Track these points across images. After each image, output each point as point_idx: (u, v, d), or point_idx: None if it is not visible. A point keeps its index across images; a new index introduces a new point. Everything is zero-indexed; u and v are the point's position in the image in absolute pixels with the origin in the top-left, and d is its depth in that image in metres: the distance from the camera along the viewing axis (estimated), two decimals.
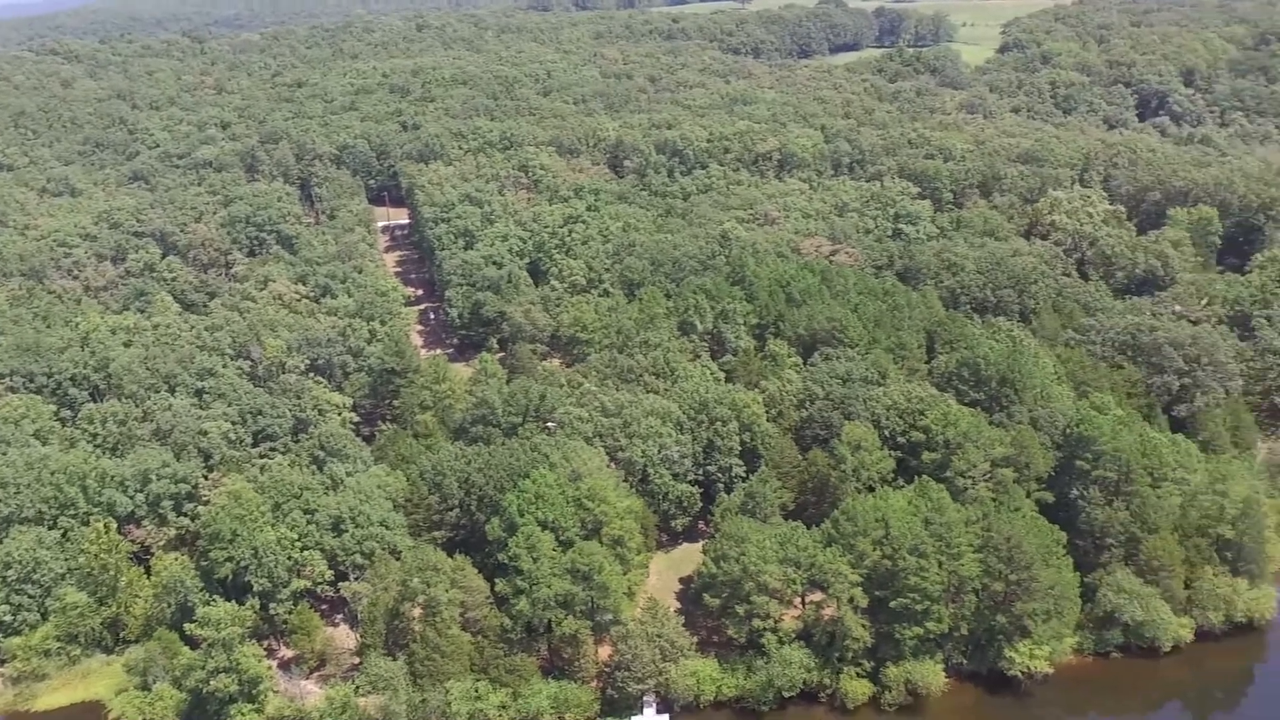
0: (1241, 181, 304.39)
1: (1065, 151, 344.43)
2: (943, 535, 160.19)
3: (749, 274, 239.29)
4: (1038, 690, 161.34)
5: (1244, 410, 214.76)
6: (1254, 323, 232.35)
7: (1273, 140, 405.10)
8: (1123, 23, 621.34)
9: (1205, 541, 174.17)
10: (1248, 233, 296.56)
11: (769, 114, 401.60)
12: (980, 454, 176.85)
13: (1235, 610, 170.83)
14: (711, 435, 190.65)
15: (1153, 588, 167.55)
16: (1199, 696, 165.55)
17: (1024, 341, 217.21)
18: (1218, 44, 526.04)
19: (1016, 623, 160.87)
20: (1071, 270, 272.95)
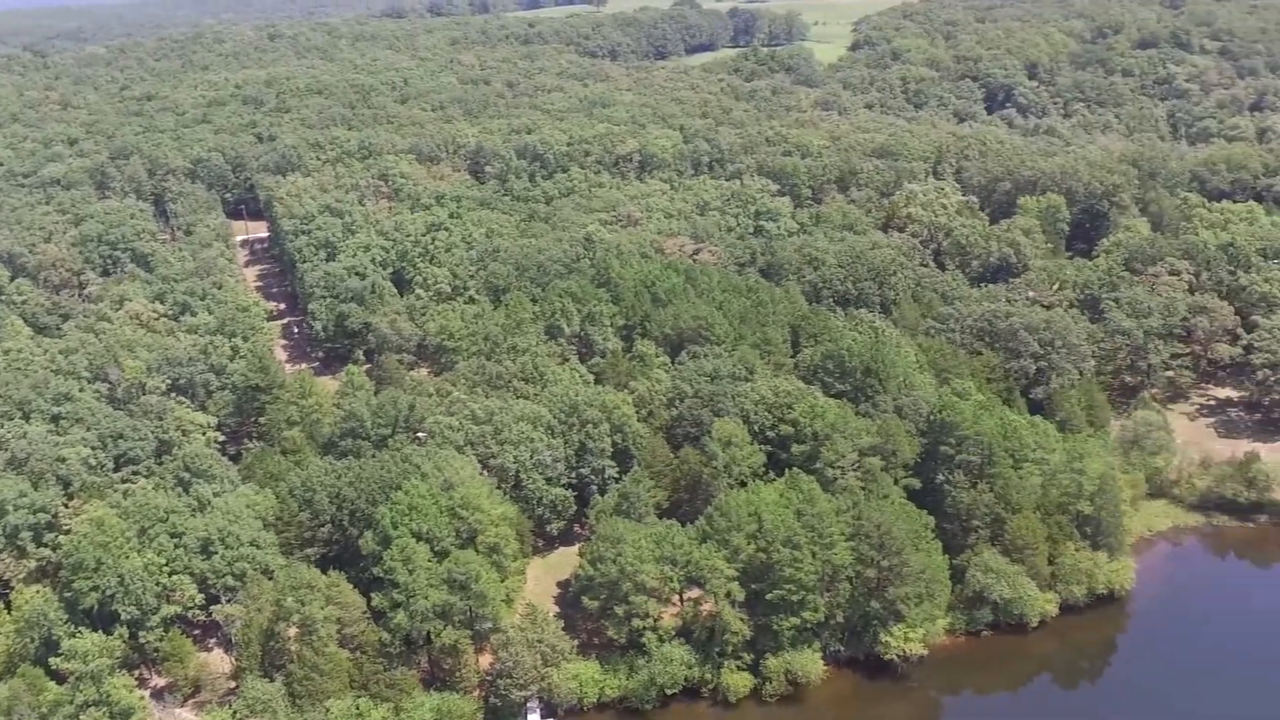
0: (1086, 170, 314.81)
1: (918, 145, 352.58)
2: (815, 526, 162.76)
3: (614, 276, 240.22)
4: (914, 672, 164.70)
5: (1097, 390, 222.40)
6: (1103, 305, 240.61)
7: (1113, 129, 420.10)
8: (968, 19, 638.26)
9: (1066, 518, 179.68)
10: (1094, 219, 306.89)
11: (628, 116, 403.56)
12: (848, 444, 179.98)
13: (1097, 583, 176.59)
14: (583, 438, 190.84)
15: (1018, 566, 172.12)
16: (1066, 668, 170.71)
17: (886, 332, 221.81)
18: (1058, 38, 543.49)
19: (890, 607, 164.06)
20: (929, 261, 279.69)
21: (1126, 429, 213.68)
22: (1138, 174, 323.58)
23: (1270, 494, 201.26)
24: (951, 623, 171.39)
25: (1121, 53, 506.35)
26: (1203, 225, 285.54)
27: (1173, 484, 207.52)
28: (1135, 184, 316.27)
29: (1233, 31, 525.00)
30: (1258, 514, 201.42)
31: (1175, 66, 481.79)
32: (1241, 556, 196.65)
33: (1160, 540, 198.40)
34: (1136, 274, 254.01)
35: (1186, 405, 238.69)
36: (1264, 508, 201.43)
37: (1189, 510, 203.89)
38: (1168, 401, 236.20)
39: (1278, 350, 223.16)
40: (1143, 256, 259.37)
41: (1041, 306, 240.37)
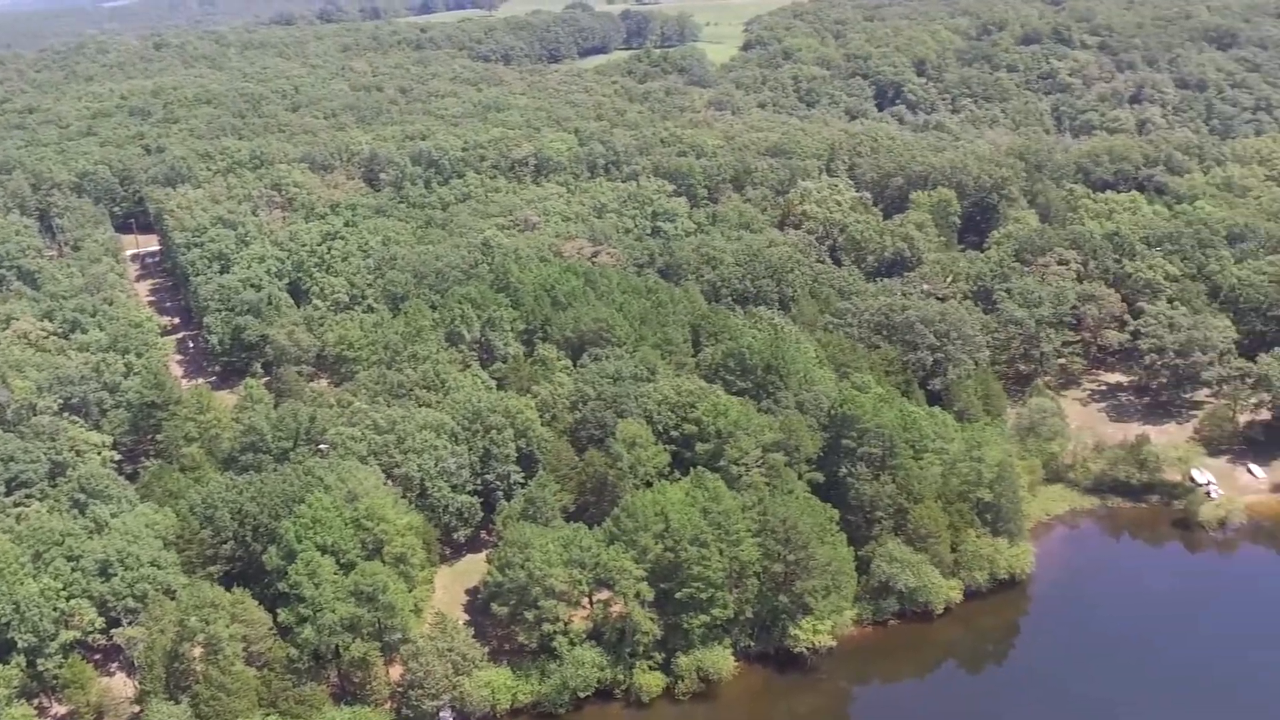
0: (975, 164, 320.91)
1: (811, 143, 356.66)
2: (721, 523, 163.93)
3: (513, 280, 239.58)
4: (823, 664, 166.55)
5: (992, 379, 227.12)
6: (995, 296, 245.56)
7: (1000, 123, 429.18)
8: (857, 18, 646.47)
9: (966, 506, 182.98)
10: (984, 212, 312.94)
11: (522, 120, 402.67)
12: (751, 441, 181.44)
13: (998, 568, 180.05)
14: (487, 444, 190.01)
15: (922, 554, 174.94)
16: (972, 653, 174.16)
17: (785, 329, 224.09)
18: (945, 35, 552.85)
19: (798, 601, 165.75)
20: (825, 257, 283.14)
21: (1022, 416, 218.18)
22: (1025, 167, 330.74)
23: (1160, 475, 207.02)
24: (859, 613, 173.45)
25: (1006, 49, 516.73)
26: (1088, 215, 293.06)
27: (1068, 468, 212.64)
28: (1023, 177, 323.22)
29: (1111, 27, 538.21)
30: (1149, 494, 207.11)
31: (1058, 61, 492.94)
32: (1135, 537, 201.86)
33: (1058, 524, 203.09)
34: (1027, 264, 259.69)
35: (1079, 391, 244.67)
36: (1155, 488, 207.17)
37: (1084, 493, 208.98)
38: (1061, 388, 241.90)
39: (1163, 335, 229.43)
40: (1032, 247, 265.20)
41: (936, 299, 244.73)
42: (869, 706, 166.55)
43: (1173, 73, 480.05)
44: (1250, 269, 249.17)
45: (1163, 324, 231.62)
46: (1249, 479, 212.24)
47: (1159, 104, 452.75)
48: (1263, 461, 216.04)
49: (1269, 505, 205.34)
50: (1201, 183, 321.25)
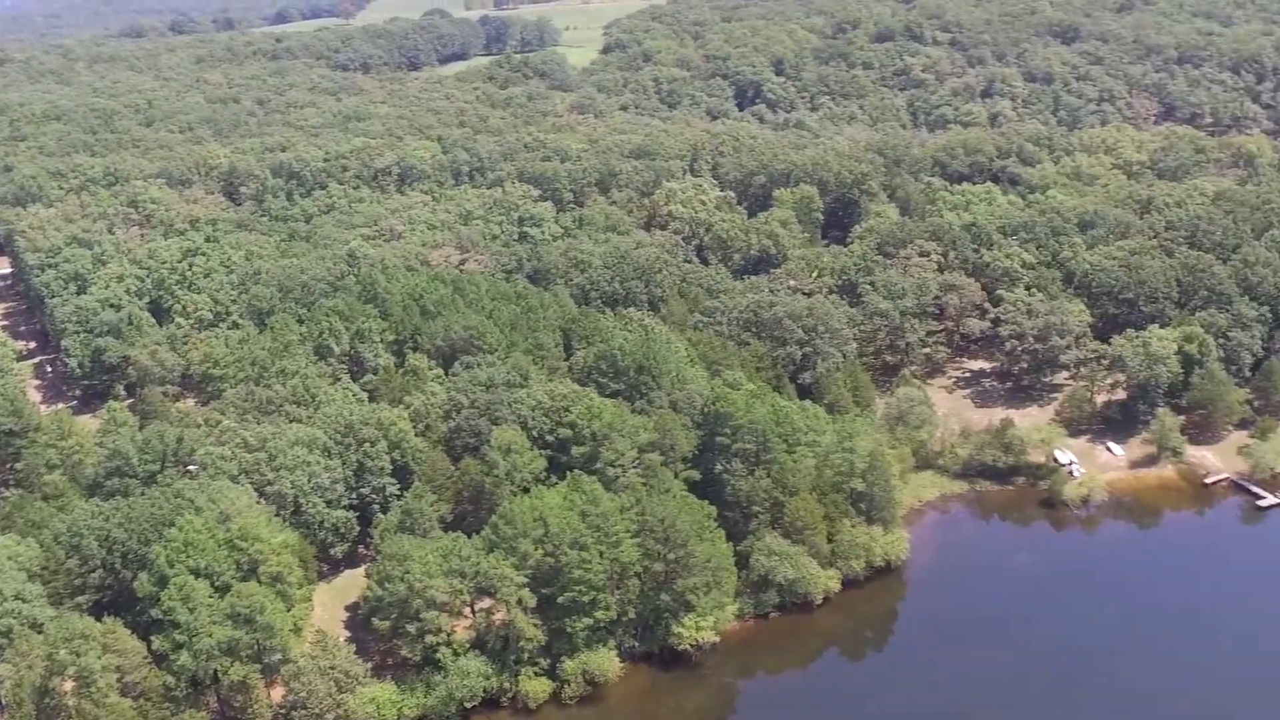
0: (835, 160, 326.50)
1: (674, 144, 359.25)
2: (600, 525, 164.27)
3: (381, 291, 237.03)
4: (707, 660, 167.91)
5: (861, 371, 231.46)
6: (860, 289, 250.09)
7: (858, 120, 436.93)
8: (715, 19, 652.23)
9: (841, 496, 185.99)
10: (846, 207, 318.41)
11: (384, 129, 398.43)
12: (627, 442, 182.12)
13: (874, 556, 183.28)
14: (361, 457, 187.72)
15: (799, 546, 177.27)
16: (852, 640, 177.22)
17: (656, 329, 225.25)
18: (801, 34, 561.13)
19: (680, 599, 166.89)
20: (692, 257, 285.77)
21: (891, 406, 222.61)
22: (884, 162, 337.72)
23: (1025, 457, 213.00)
24: (740, 608, 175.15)
25: (861, 46, 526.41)
26: (946, 207, 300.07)
27: (937, 455, 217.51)
28: (882, 171, 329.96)
29: (961, 23, 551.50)
30: (1015, 476, 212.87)
31: (911, 58, 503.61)
32: (1004, 518, 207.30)
33: (929, 509, 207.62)
34: (889, 257, 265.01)
35: (944, 379, 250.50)
36: (1020, 470, 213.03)
37: (954, 478, 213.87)
38: (927, 377, 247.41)
39: (1022, 322, 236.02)
40: (894, 240, 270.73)
41: (803, 294, 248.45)
42: (754, 700, 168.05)
43: (1021, 67, 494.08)
44: (1101, 254, 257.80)
45: (1021, 311, 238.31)
46: (1108, 457, 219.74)
47: (1009, 97, 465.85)
48: (1120, 439, 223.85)
49: (1127, 481, 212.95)
50: (1052, 172, 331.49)
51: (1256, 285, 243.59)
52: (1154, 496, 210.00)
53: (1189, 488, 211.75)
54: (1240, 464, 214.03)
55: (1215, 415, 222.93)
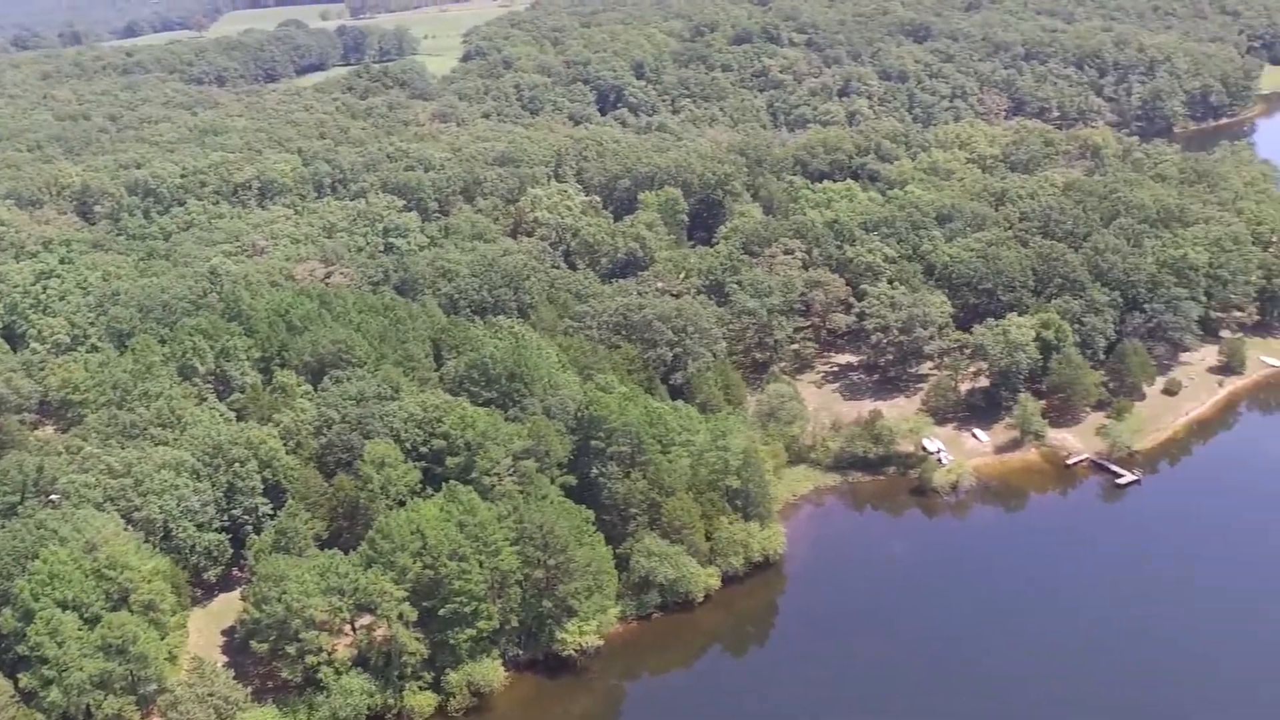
0: (699, 162, 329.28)
1: (538, 150, 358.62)
2: (478, 535, 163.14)
3: (245, 308, 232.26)
4: (592, 664, 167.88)
5: (731, 370, 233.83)
6: (727, 289, 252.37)
7: (719, 121, 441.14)
8: (574, 24, 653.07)
9: (717, 494, 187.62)
10: (710, 208, 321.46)
11: (242, 142, 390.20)
12: (501, 450, 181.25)
13: (752, 551, 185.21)
14: (231, 478, 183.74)
15: (679, 546, 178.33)
16: (734, 636, 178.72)
17: (526, 336, 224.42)
18: (660, 38, 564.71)
19: (562, 604, 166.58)
20: (560, 262, 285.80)
21: (762, 403, 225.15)
22: (746, 162, 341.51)
23: (895, 447, 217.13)
24: (623, 610, 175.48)
25: (719, 49, 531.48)
26: (809, 205, 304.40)
27: (809, 449, 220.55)
28: (745, 172, 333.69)
29: (816, 25, 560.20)
30: (886, 466, 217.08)
31: (769, 59, 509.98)
32: (877, 508, 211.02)
33: (804, 503, 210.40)
34: (755, 256, 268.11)
35: (813, 374, 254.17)
36: (891, 460, 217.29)
37: (826, 471, 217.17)
38: (796, 373, 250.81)
39: (886, 315, 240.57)
40: (759, 239, 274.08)
41: (671, 296, 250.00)
42: (640, 701, 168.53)
43: (876, 66, 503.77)
44: (959, 247, 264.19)
45: (885, 304, 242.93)
46: (974, 443, 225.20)
47: (866, 96, 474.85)
48: (985, 425, 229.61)
49: (993, 466, 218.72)
50: (910, 168, 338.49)
51: (1107, 271, 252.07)
52: (1019, 479, 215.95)
53: (1052, 469, 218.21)
54: (1099, 444, 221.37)
55: (1074, 398, 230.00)
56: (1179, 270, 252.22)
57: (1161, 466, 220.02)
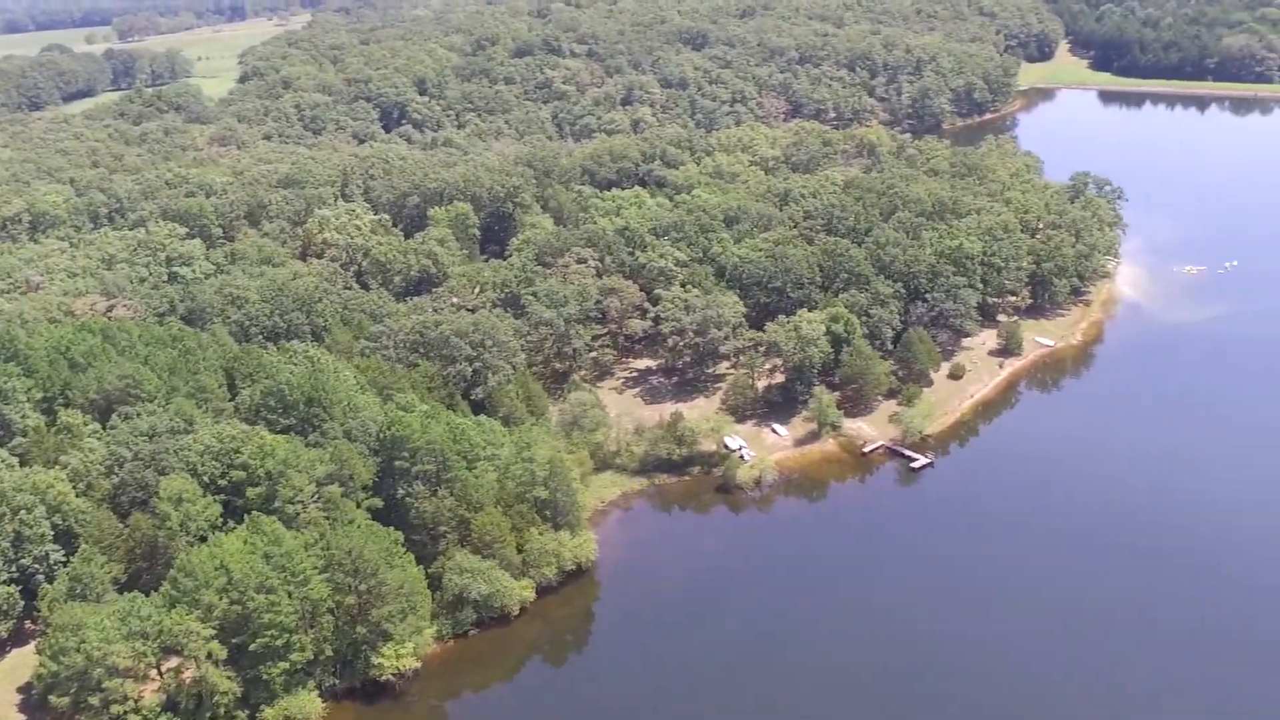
0: (487, 175, 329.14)
1: (323, 171, 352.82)
2: (286, 566, 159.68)
3: (22, 347, 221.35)
4: (411, 687, 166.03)
5: (532, 381, 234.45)
6: (523, 300, 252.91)
7: (505, 134, 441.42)
8: (353, 42, 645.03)
9: (526, 506, 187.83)
10: (501, 220, 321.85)
11: (9, 174, 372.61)
12: (304, 477, 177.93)
13: (565, 561, 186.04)
14: (17, 526, 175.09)
15: (491, 560, 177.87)
16: (552, 646, 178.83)
17: (322, 360, 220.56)
18: (441, 53, 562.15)
19: (376, 629, 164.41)
20: (352, 283, 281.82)
21: (565, 412, 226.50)
22: (534, 174, 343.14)
23: (698, 447, 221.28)
24: (439, 630, 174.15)
25: (501, 62, 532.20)
26: (599, 214, 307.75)
27: (614, 455, 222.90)
28: (534, 183, 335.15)
29: (596, 35, 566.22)
30: (691, 467, 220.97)
31: (551, 71, 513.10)
32: (684, 508, 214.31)
33: (613, 508, 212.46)
34: (548, 266, 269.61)
35: (614, 381, 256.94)
36: (694, 460, 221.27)
37: (633, 476, 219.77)
38: (597, 380, 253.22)
39: (681, 318, 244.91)
40: (551, 250, 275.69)
41: (467, 311, 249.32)
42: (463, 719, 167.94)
43: (657, 74, 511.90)
44: (748, 247, 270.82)
45: (679, 307, 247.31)
46: (775, 438, 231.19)
47: (648, 104, 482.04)
48: (783, 420, 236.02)
49: (794, 459, 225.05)
50: (695, 173, 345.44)
51: (889, 264, 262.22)
52: (819, 470, 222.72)
53: (850, 458, 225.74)
54: (892, 430, 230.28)
55: (866, 388, 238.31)
56: (956, 260, 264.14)
57: (952, 448, 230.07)
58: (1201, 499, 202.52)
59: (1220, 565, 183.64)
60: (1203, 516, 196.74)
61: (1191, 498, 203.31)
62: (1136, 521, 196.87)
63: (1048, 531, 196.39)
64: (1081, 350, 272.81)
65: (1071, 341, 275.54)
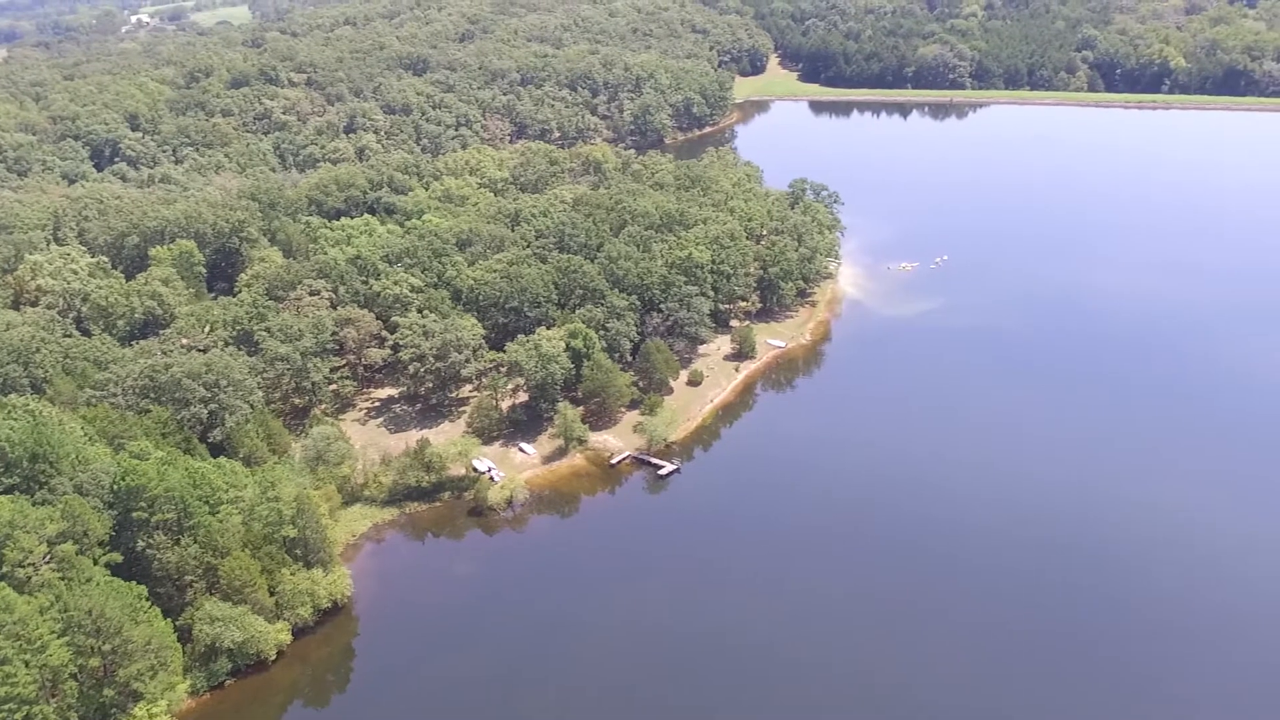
0: (210, 211, 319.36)
1: (32, 214, 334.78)
2: (19, 634, 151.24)
3: None
4: None
5: (271, 418, 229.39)
6: (257, 337, 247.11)
7: (226, 168, 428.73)
8: (56, 77, 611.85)
9: (275, 547, 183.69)
10: (228, 256, 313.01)
11: None
12: (32, 538, 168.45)
13: (320, 599, 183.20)
14: None
15: (242, 606, 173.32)
16: (313, 687, 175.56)
17: (44, 413, 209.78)
18: (153, 87, 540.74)
19: (125, 690, 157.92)
20: (72, 330, 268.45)
21: (308, 448, 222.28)
22: (259, 207, 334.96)
23: (447, 472, 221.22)
24: (193, 684, 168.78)
25: (217, 94, 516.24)
26: (329, 244, 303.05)
27: (363, 487, 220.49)
28: (259, 217, 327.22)
29: (315, 64, 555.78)
30: (440, 493, 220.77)
31: (270, 101, 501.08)
32: (437, 535, 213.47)
33: (365, 541, 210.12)
34: (281, 300, 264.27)
35: (356, 412, 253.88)
36: (444, 486, 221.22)
37: (383, 507, 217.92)
38: (338, 413, 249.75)
39: (420, 344, 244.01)
40: (282, 283, 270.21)
41: (199, 351, 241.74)
42: None
43: (379, 100, 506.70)
44: (483, 269, 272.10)
45: (418, 333, 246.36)
46: (523, 457, 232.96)
47: (372, 131, 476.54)
48: (530, 438, 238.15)
49: (544, 476, 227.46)
50: (425, 198, 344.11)
51: (623, 278, 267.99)
52: (569, 485, 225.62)
53: (598, 471, 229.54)
54: (638, 440, 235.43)
55: (609, 400, 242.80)
56: (687, 269, 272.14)
57: (696, 453, 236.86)
58: (927, 481, 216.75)
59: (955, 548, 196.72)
60: (929, 499, 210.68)
61: (918, 481, 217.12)
62: (871, 508, 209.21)
63: (791, 525, 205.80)
64: (811, 349, 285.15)
65: (801, 341, 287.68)
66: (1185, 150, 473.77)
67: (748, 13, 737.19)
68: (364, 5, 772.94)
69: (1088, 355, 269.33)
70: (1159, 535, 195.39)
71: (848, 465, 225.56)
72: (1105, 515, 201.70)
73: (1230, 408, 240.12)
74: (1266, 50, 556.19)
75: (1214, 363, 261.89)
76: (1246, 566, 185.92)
